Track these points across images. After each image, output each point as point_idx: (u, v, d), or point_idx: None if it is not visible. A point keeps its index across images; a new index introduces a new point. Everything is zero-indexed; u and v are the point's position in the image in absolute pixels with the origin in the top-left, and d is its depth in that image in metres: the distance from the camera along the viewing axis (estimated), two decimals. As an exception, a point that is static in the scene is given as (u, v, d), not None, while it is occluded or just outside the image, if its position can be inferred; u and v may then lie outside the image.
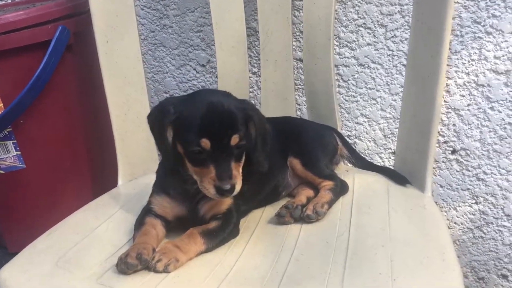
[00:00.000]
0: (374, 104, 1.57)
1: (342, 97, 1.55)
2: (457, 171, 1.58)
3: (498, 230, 1.61)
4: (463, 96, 1.51)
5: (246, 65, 1.34)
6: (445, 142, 1.55)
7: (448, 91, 1.52)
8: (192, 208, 1.03)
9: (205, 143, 0.93)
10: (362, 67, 1.54)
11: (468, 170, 1.57)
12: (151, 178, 1.22)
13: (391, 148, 1.60)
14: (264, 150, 1.02)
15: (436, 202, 1.34)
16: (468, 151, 1.55)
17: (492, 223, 1.61)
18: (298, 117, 1.48)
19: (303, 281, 0.85)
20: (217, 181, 0.92)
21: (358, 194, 1.15)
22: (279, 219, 1.08)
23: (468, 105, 1.51)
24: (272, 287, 0.84)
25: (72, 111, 1.39)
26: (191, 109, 0.96)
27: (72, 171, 1.40)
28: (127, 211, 1.14)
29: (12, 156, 1.31)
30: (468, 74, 1.49)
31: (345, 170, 1.25)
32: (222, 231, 1.01)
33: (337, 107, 1.32)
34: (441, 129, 1.55)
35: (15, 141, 1.30)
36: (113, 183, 1.31)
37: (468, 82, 1.50)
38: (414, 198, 1.09)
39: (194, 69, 1.68)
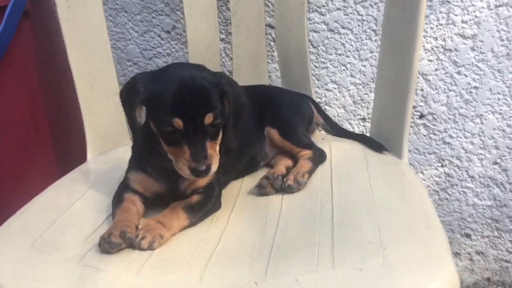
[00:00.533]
0: (344, 70, 1.56)
1: (312, 63, 1.53)
2: (424, 135, 1.61)
3: (462, 191, 1.66)
4: (431, 61, 1.53)
5: (217, 31, 1.29)
6: (413, 107, 1.56)
7: (416, 56, 1.52)
8: (171, 185, 1.00)
9: (178, 123, 0.89)
10: (332, 33, 1.52)
11: (435, 134, 1.60)
12: (122, 151, 1.18)
13: (360, 114, 1.61)
14: (237, 126, 0.99)
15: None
16: (435, 116, 1.57)
17: (457, 184, 1.66)
18: (273, 85, 1.46)
19: (293, 253, 0.84)
20: (192, 162, 0.90)
21: (336, 162, 1.15)
22: (260, 190, 1.07)
23: (436, 69, 1.53)
24: (263, 261, 0.83)
25: (32, 83, 1.30)
26: (162, 86, 0.91)
27: (37, 147, 1.33)
28: (100, 187, 1.10)
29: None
30: (436, 38, 1.50)
31: (321, 138, 1.25)
32: (204, 205, 0.99)
33: (311, 75, 1.29)
34: (409, 94, 1.55)
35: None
36: (81, 158, 1.25)
37: (436, 47, 1.51)
38: (392, 165, 1.10)
39: (159, 35, 1.62)
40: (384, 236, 0.84)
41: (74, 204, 1.03)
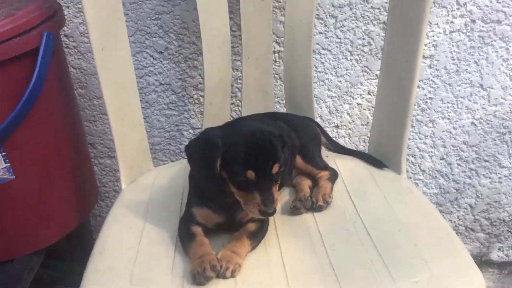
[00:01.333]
0: (322, 85, 1.77)
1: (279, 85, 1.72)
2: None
3: (415, 183, 1.97)
4: (396, 76, 1.78)
5: (229, 64, 1.43)
6: (379, 115, 1.81)
7: (384, 73, 1.76)
8: (229, 216, 1.15)
9: (251, 174, 1.05)
10: (314, 53, 1.71)
11: (395, 137, 1.87)
12: (149, 177, 1.32)
13: (334, 122, 1.84)
14: (292, 167, 1.16)
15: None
16: (396, 122, 1.84)
17: (410, 177, 1.96)
18: (281, 111, 1.63)
19: (354, 271, 1.04)
20: (262, 206, 1.05)
21: (347, 179, 1.36)
22: (295, 211, 1.25)
23: (399, 84, 1.79)
24: (333, 281, 1.02)
25: (57, 120, 1.37)
26: (237, 141, 1.06)
27: (59, 180, 1.40)
28: (152, 218, 1.22)
29: (1, 168, 1.27)
30: (401, 58, 1.75)
31: (325, 156, 1.45)
32: (260, 231, 1.15)
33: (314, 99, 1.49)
34: (376, 104, 1.81)
35: (4, 153, 1.26)
36: (92, 190, 1.34)
37: (400, 65, 1.76)
38: (397, 181, 1.33)
39: (151, 56, 1.70)
40: (422, 251, 1.07)
41: (141, 239, 1.14)
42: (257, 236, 1.14)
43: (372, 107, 1.82)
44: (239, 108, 1.55)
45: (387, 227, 1.16)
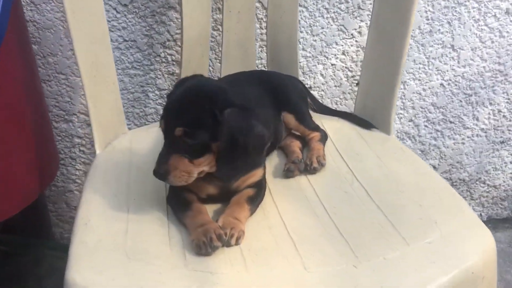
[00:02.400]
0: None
1: (261, 42, 1.63)
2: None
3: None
4: (371, 36, 1.73)
5: (209, 17, 1.32)
6: (352, 76, 1.78)
7: (359, 32, 1.72)
8: (223, 185, 1.07)
9: (161, 125, 1.00)
10: (290, 10, 1.63)
11: (367, 99, 1.84)
12: (125, 141, 1.20)
13: (308, 83, 1.77)
14: (229, 162, 0.99)
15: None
16: (369, 83, 1.80)
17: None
18: (267, 70, 1.53)
19: (362, 233, 1.00)
20: (156, 164, 0.99)
21: (336, 141, 1.31)
22: (289, 174, 1.19)
23: (374, 44, 1.74)
24: (343, 244, 0.97)
25: (17, 77, 1.20)
26: (172, 93, 1.04)
27: (20, 144, 1.24)
28: (137, 184, 1.11)
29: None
30: (376, 17, 1.70)
31: (309, 117, 1.38)
32: (259, 196, 1.08)
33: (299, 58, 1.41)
34: (350, 65, 1.76)
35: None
36: (54, 156, 1.21)
37: (375, 24, 1.72)
38: (387, 142, 1.30)
39: (114, 8, 1.55)
40: (429, 211, 1.04)
41: (129, 208, 1.03)
42: (255, 201, 1.07)
43: (346, 67, 1.77)
44: (219, 65, 1.44)
45: (387, 188, 1.12)
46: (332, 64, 1.75)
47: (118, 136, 1.26)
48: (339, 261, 0.93)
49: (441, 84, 1.85)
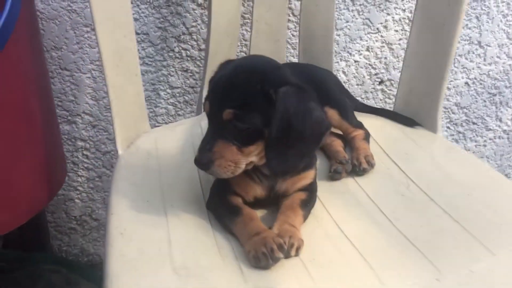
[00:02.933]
0: (320, 39, 1.57)
1: (290, 32, 1.51)
2: (380, 99, 1.73)
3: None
4: (397, 31, 1.63)
5: (239, 5, 1.19)
6: (375, 74, 1.67)
7: (385, 27, 1.61)
8: (271, 187, 0.94)
9: (206, 106, 0.86)
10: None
11: (390, 98, 1.74)
12: (148, 140, 1.07)
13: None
14: (281, 149, 0.84)
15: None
16: (392, 81, 1.70)
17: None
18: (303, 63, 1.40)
19: (436, 242, 0.88)
20: (197, 151, 0.85)
21: (379, 140, 1.19)
22: (335, 176, 1.06)
23: (400, 39, 1.65)
24: (419, 256, 0.85)
25: (27, 71, 1.05)
26: (216, 73, 0.90)
27: (29, 147, 1.09)
28: (171, 188, 0.97)
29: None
30: (404, 10, 1.60)
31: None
32: (311, 200, 0.96)
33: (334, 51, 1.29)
34: (374, 62, 1.66)
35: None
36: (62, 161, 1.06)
37: (403, 18, 1.62)
38: (435, 140, 1.19)
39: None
40: (507, 216, 0.93)
41: (167, 215, 0.89)
42: (308, 206, 0.94)
43: (369, 65, 1.66)
44: (247, 50, 1.31)
45: (451, 191, 1.01)
46: (355, 61, 1.64)
47: (140, 135, 1.12)
48: (419, 274, 0.81)
49: (466, 83, 1.76)
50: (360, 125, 1.17)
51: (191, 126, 1.15)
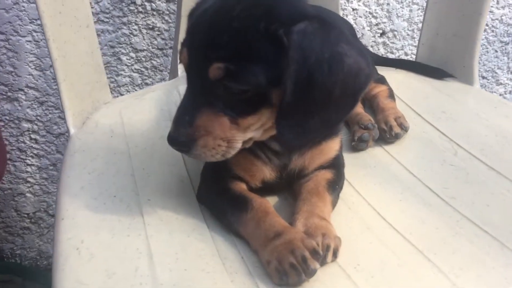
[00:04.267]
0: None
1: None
2: (382, 54, 1.49)
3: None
4: (401, -28, 1.38)
5: None
6: (376, 24, 1.42)
7: (387, -33, 1.36)
8: (282, 166, 0.68)
9: (183, 55, 0.59)
10: None
11: (392, 53, 1.49)
12: (112, 112, 0.80)
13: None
14: (299, 123, 0.58)
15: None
16: (395, 32, 1.46)
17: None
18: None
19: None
20: (172, 124, 0.58)
21: (405, 97, 0.95)
22: (361, 145, 0.81)
23: (404, -18, 1.40)
24: (493, 241, 0.62)
25: None
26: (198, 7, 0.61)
27: None
28: (148, 178, 0.70)
29: None
30: None
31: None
32: (340, 180, 0.71)
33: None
34: (375, 10, 1.40)
35: None
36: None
37: (408, -49, 1.37)
38: (474, 94, 0.96)
39: None
40: None
41: (143, 217, 0.62)
42: (337, 188, 0.70)
43: (369, 13, 1.40)
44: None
45: (507, 155, 0.77)
46: (353, 9, 1.39)
47: (99, 107, 0.84)
48: (506, 274, 0.57)
49: (477, 31, 1.52)
50: (382, 80, 0.92)
51: (165, 92, 0.88)
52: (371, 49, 1.48)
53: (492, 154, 0.79)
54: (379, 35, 1.46)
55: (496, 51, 1.60)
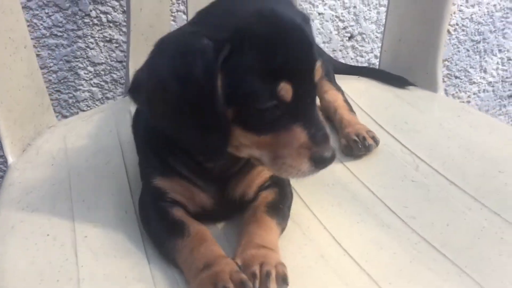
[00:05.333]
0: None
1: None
2: (351, 58, 1.46)
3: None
4: (366, -29, 1.35)
5: None
6: (344, 28, 1.39)
7: (351, -29, 1.33)
8: (220, 191, 0.64)
9: (286, 90, 0.54)
10: None
11: (362, 56, 1.46)
12: (55, 138, 0.75)
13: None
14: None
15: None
16: (364, 35, 1.43)
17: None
18: None
19: (473, 245, 0.61)
20: (314, 147, 0.55)
21: (366, 107, 0.91)
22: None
23: (370, -16, 1.36)
24: (454, 269, 0.58)
25: None
26: (248, 35, 0.54)
27: None
28: (87, 211, 0.65)
29: None
30: None
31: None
32: (285, 199, 0.68)
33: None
34: (341, 13, 1.37)
35: None
36: None
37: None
38: (438, 102, 0.93)
39: None
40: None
41: (77, 255, 0.58)
42: (281, 209, 0.66)
43: (336, 17, 1.37)
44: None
45: (476, 169, 0.74)
46: (319, 13, 1.35)
47: (42, 132, 0.79)
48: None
49: (447, 30, 1.49)
50: (339, 89, 0.88)
51: (115, 112, 0.84)
52: (339, 53, 1.44)
53: (454, 168, 0.75)
54: (347, 38, 1.42)
55: (468, 50, 1.58)
